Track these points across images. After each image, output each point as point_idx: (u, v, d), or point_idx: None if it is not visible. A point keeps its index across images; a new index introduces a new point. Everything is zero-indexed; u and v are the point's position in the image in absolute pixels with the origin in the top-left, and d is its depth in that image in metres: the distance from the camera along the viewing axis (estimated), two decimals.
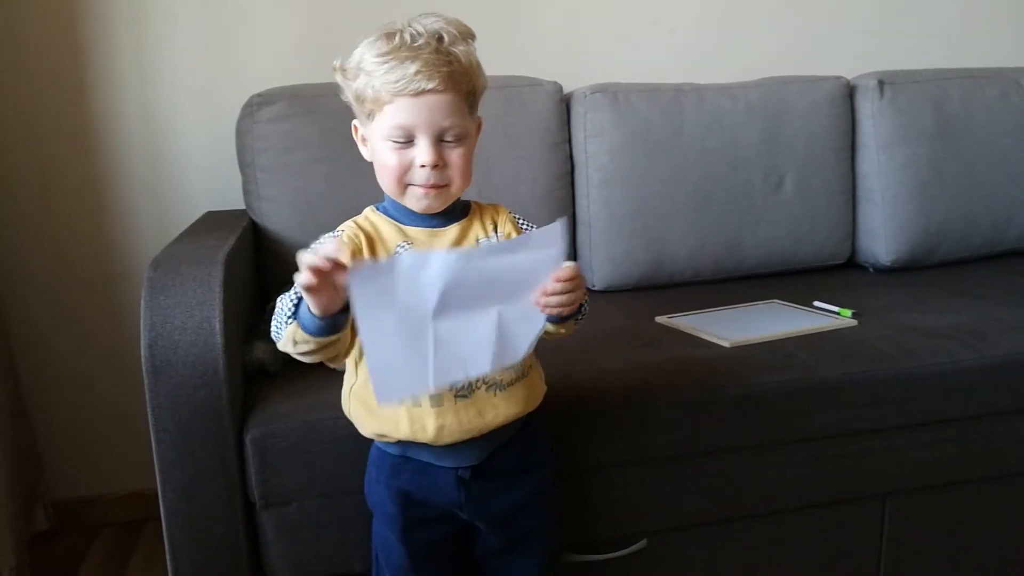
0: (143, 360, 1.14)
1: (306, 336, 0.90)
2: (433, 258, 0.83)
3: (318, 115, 1.69)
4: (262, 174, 1.68)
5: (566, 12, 2.01)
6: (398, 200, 1.00)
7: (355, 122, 1.03)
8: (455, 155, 0.97)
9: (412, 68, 0.92)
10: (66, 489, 1.91)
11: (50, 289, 1.83)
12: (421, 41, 0.93)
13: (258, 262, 1.69)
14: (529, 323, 0.90)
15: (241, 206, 1.75)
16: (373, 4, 1.89)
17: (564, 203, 1.85)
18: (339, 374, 1.35)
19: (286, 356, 1.37)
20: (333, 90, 1.71)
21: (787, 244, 1.93)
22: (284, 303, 0.93)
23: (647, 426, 1.31)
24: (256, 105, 1.68)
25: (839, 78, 1.98)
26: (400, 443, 1.03)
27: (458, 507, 1.05)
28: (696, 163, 1.85)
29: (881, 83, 1.96)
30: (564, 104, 1.86)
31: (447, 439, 0.99)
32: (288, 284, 1.57)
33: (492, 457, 1.04)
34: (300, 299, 0.89)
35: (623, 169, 1.82)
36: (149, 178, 1.85)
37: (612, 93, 1.84)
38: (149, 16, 1.79)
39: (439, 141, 0.96)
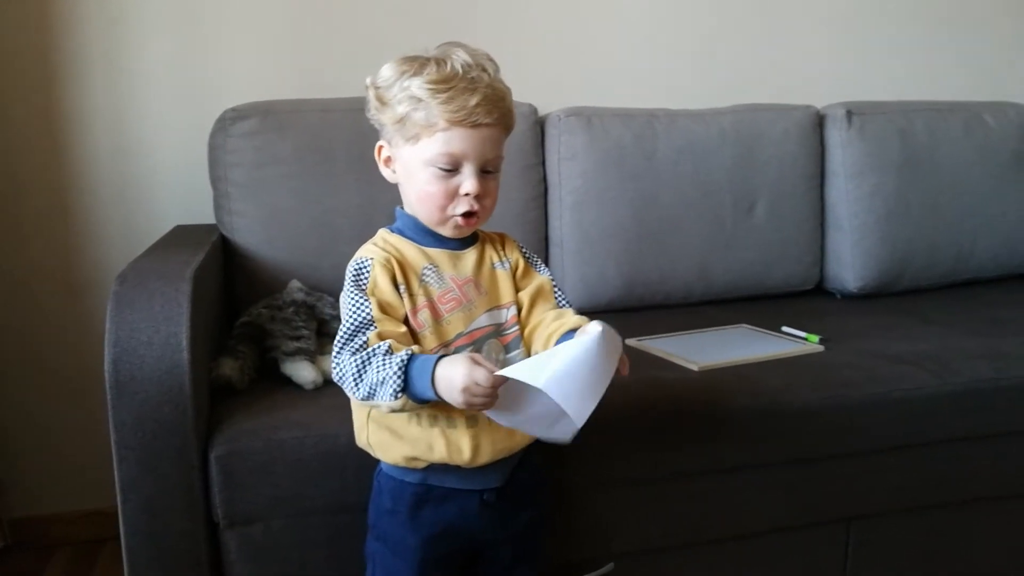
0: (107, 375, 1.12)
1: (415, 405, 0.93)
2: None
3: (291, 131, 1.69)
4: (234, 189, 1.67)
5: (541, 36, 2.03)
6: (434, 227, 1.02)
7: (381, 143, 1.04)
8: (492, 185, 1.01)
9: (473, 100, 0.95)
10: (23, 506, 1.87)
11: (12, 300, 1.80)
12: (475, 74, 0.97)
13: (227, 278, 1.67)
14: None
15: (211, 220, 1.74)
16: (349, 22, 1.90)
17: (537, 224, 1.86)
18: (305, 393, 1.34)
19: (252, 374, 1.38)
20: (307, 106, 1.73)
21: (757, 269, 1.95)
22: (380, 371, 0.91)
23: (615, 449, 1.31)
24: (229, 120, 1.67)
25: (809, 107, 2.02)
26: (424, 471, 1.02)
27: (482, 531, 1.05)
28: (668, 187, 1.87)
29: (850, 113, 2.00)
30: (539, 126, 1.87)
31: (481, 460, 1.00)
32: (256, 298, 1.56)
33: (512, 477, 1.06)
34: (406, 372, 0.91)
35: (596, 192, 1.83)
36: (119, 189, 1.83)
37: (586, 117, 1.85)
38: (122, 25, 1.78)
39: (481, 172, 0.98)
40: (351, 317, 0.96)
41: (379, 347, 0.93)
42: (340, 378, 0.95)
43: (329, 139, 1.70)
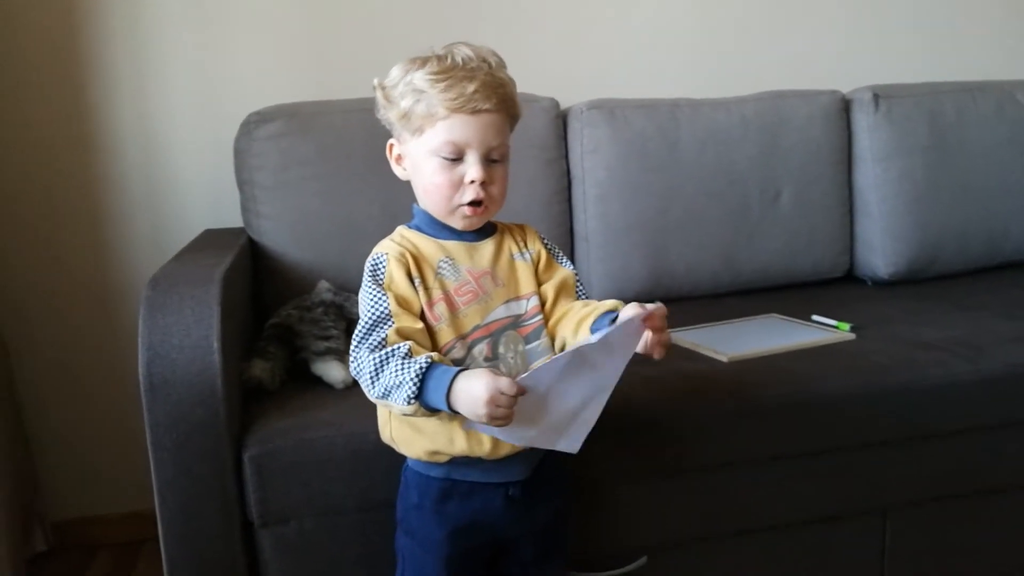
0: (141, 378, 1.14)
1: (427, 412, 0.94)
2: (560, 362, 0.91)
3: (315, 133, 1.70)
4: (260, 192, 1.69)
5: (562, 29, 2.02)
6: (443, 219, 1.03)
7: (391, 141, 1.06)
8: (498, 174, 1.01)
9: (471, 87, 0.97)
10: (64, 509, 1.91)
11: (48, 307, 1.83)
12: (474, 64, 0.99)
13: (256, 279, 1.69)
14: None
15: (239, 224, 1.76)
16: (369, 24, 1.91)
17: (561, 218, 1.85)
18: (335, 392, 1.36)
19: (283, 374, 1.39)
20: (330, 108, 1.74)
21: (784, 258, 1.93)
22: (397, 375, 0.92)
23: (645, 442, 1.30)
24: (254, 123, 1.69)
25: (834, 92, 1.99)
26: (446, 464, 1.03)
27: (507, 526, 1.05)
28: (693, 177, 1.86)
29: (876, 96, 1.97)
30: (561, 120, 1.87)
31: (502, 452, 1.00)
32: (285, 299, 1.57)
33: (536, 471, 1.06)
34: (422, 380, 0.91)
35: (620, 184, 1.82)
36: (147, 196, 1.86)
37: (608, 109, 1.84)
38: (147, 34, 1.80)
39: (486, 160, 0.99)
40: (369, 311, 0.97)
41: (398, 348, 0.93)
42: (357, 373, 0.96)
43: (353, 139, 1.71)
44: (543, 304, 1.07)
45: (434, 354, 0.94)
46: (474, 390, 0.88)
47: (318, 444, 1.20)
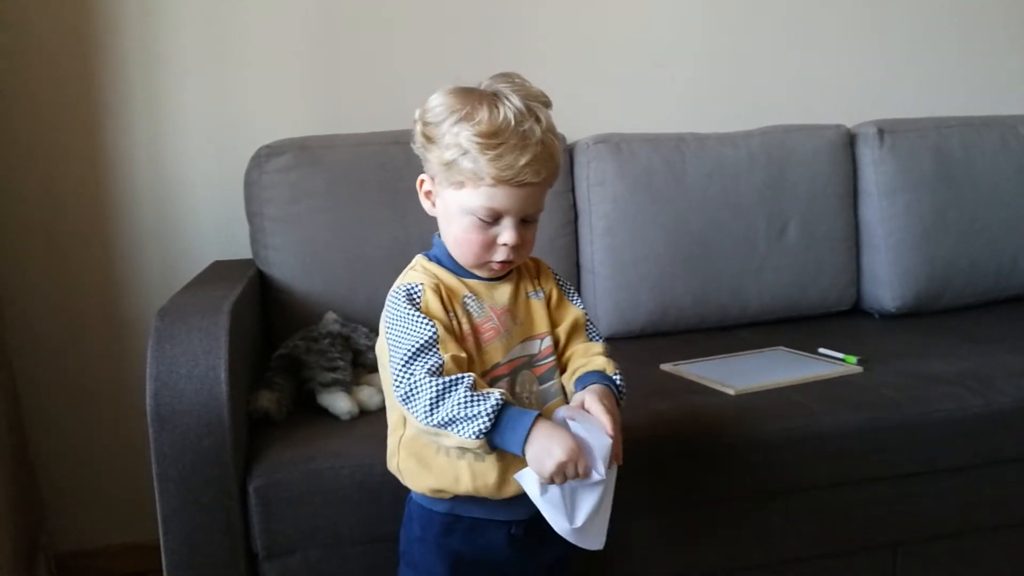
0: (148, 408, 1.14)
1: (488, 449, 0.93)
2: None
3: (325, 166, 1.72)
4: (269, 223, 1.70)
5: (568, 64, 2.04)
6: (469, 268, 1.02)
7: (423, 176, 1.04)
8: (530, 234, 1.01)
9: (522, 160, 0.94)
10: (69, 540, 1.90)
11: (56, 337, 1.84)
12: (527, 126, 0.95)
13: (264, 311, 1.70)
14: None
15: (248, 255, 1.77)
16: (377, 59, 1.93)
17: (568, 251, 1.86)
18: (341, 424, 1.36)
19: (289, 405, 1.39)
20: (339, 142, 1.76)
21: (792, 291, 1.93)
22: (466, 407, 0.90)
23: (651, 475, 1.30)
24: (264, 156, 1.71)
25: (839, 126, 2.01)
26: (450, 500, 1.02)
27: (510, 564, 1.05)
28: (699, 211, 1.87)
29: (881, 131, 1.98)
30: (567, 154, 1.88)
31: (507, 491, 0.99)
32: (293, 330, 1.58)
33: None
34: (496, 417, 0.90)
35: (627, 217, 1.83)
36: (157, 227, 1.87)
37: (615, 143, 1.86)
38: (160, 66, 1.83)
39: (522, 222, 0.99)
40: (415, 334, 0.94)
41: (462, 379, 0.91)
42: (408, 396, 0.93)
43: (362, 173, 1.73)
44: (556, 344, 1.08)
45: (505, 392, 0.93)
46: (553, 447, 0.90)
47: (324, 475, 1.20)
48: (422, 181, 1.04)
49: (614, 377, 1.04)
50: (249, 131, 1.85)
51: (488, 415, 0.89)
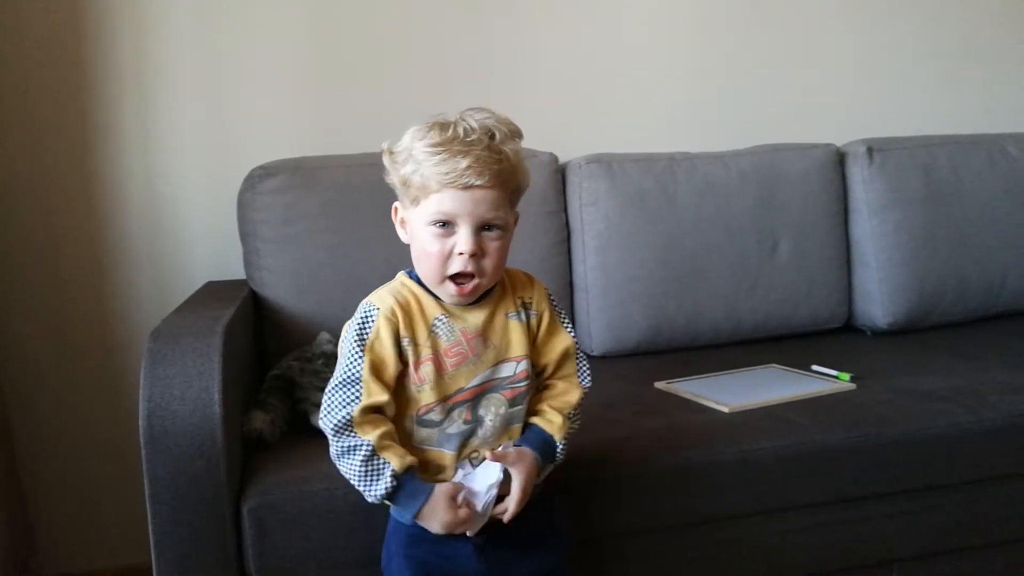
0: (141, 430, 1.14)
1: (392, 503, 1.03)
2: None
3: (318, 187, 1.73)
4: (263, 245, 1.71)
5: (561, 84, 2.06)
6: (434, 289, 1.03)
7: (396, 204, 1.07)
8: (493, 246, 1.00)
9: (464, 163, 0.96)
10: (59, 564, 1.88)
11: (49, 358, 1.84)
12: (474, 137, 0.97)
13: (258, 332, 1.69)
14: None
15: (242, 276, 1.77)
16: (371, 81, 1.95)
17: (561, 270, 1.87)
18: None
19: (283, 426, 1.39)
20: (333, 163, 1.77)
21: (784, 308, 1.94)
22: (365, 476, 0.99)
23: (644, 494, 1.30)
24: (257, 177, 1.72)
25: (829, 145, 2.03)
26: None
27: (479, 574, 1.05)
28: (691, 230, 1.88)
29: (870, 149, 2.00)
30: (560, 174, 1.89)
31: None
32: (286, 351, 1.57)
33: (514, 524, 1.05)
34: (395, 488, 0.99)
35: (619, 236, 1.84)
36: (150, 248, 1.87)
37: (607, 163, 1.87)
38: (153, 87, 1.84)
39: (480, 231, 0.99)
40: (345, 367, 1.01)
41: (360, 446, 0.98)
42: (324, 417, 1.01)
43: (355, 194, 1.73)
44: (541, 373, 1.10)
45: (397, 468, 0.98)
46: (433, 522, 1.00)
47: (318, 497, 1.19)
48: (395, 209, 1.07)
49: (558, 446, 1.08)
50: (243, 152, 1.85)
51: (380, 495, 0.99)
